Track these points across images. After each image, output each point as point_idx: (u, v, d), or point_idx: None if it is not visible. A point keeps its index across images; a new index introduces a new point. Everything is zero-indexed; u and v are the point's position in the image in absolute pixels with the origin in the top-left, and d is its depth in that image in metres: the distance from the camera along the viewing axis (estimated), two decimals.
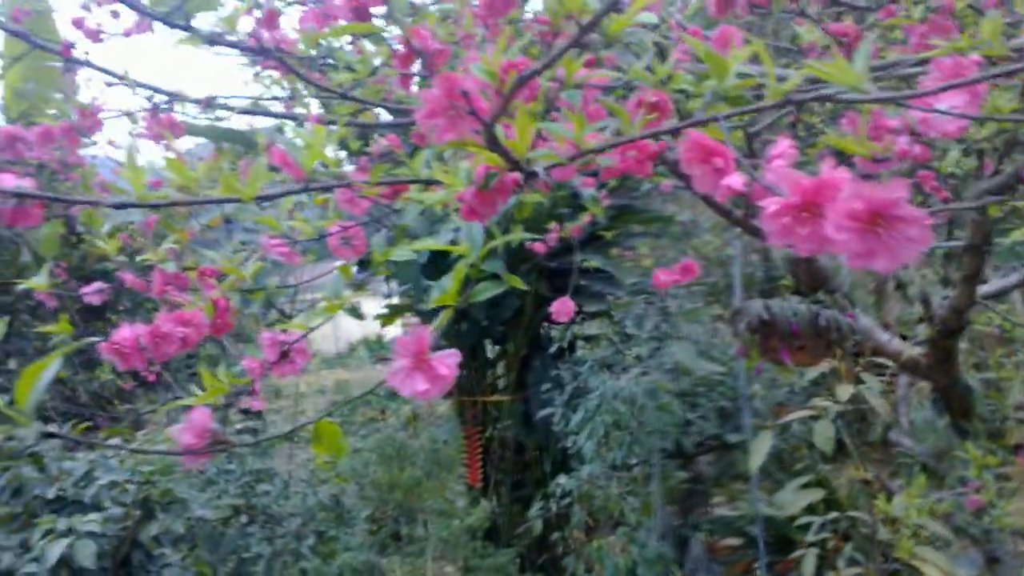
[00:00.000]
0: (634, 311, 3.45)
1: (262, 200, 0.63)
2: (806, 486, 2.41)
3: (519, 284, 0.65)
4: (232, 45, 0.89)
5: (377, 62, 1.14)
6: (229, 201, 0.61)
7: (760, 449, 2.43)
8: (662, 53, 1.15)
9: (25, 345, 6.04)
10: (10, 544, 1.57)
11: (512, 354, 5.26)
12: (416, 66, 0.94)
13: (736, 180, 0.51)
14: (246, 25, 1.06)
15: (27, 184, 0.61)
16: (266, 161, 1.70)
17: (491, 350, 5.38)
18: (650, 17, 0.60)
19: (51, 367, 0.51)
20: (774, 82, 0.53)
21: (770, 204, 0.45)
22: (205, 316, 1.07)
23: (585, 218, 2.23)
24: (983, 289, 2.59)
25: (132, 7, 0.84)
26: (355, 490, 4.33)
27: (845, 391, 2.05)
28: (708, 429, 3.54)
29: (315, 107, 1.86)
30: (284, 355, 0.85)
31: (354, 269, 3.80)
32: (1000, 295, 2.70)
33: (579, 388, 4.05)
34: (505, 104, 0.55)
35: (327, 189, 0.72)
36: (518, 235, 0.65)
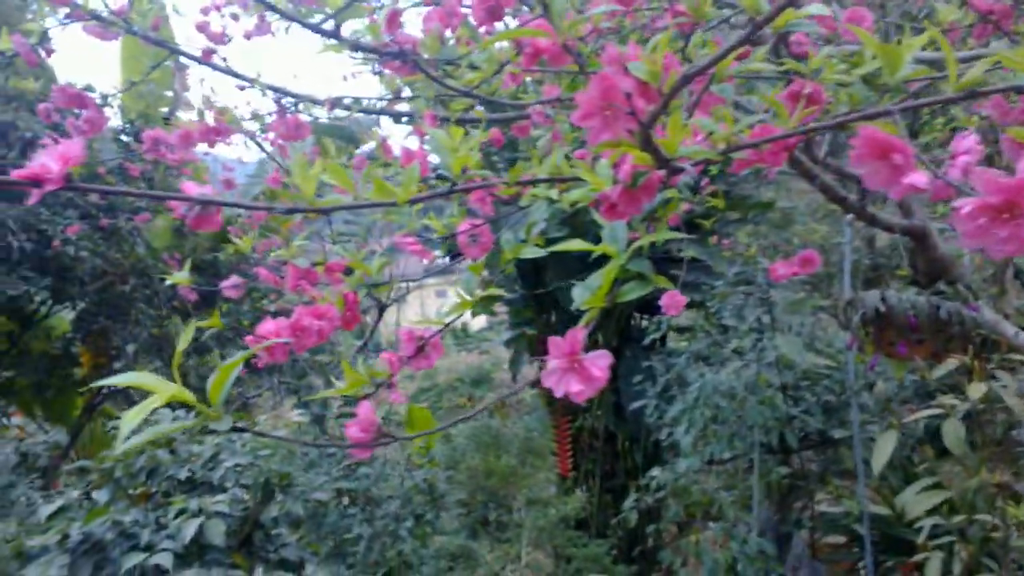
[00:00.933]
0: (733, 302, 3.36)
1: (414, 202, 0.65)
2: (929, 487, 2.28)
3: (668, 284, 0.65)
4: (372, 50, 0.91)
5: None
6: (384, 205, 0.63)
7: (884, 448, 2.33)
8: (783, 40, 1.10)
9: (139, 332, 6.44)
10: (147, 521, 1.69)
11: (603, 344, 5.24)
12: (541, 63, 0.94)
13: (919, 178, 0.48)
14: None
15: (207, 191, 0.65)
16: (380, 157, 1.74)
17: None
18: (821, 8, 0.58)
19: (237, 367, 0.54)
20: (955, 72, 0.50)
21: (965, 205, 0.43)
22: (336, 310, 1.11)
23: (683, 206, 2.19)
24: None
25: (286, 17, 0.88)
26: (446, 475, 4.43)
27: (977, 389, 1.93)
28: (812, 424, 3.42)
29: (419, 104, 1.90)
30: (420, 349, 0.88)
31: (446, 259, 3.85)
32: None
33: (673, 380, 3.99)
34: (666, 104, 0.54)
35: (470, 190, 0.74)
36: (664, 233, 0.64)
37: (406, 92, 1.63)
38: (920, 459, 2.79)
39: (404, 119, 1.47)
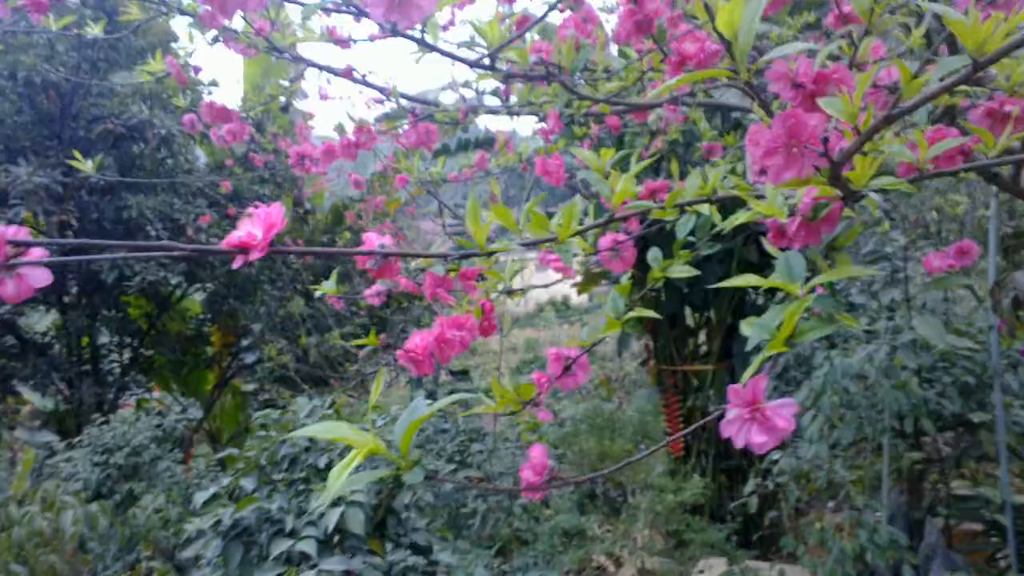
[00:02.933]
0: (863, 280, 3.19)
1: (573, 236, 0.64)
2: None
3: (854, 323, 0.61)
4: (523, 77, 0.91)
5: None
6: (547, 241, 0.63)
7: None
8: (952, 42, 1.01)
9: (264, 311, 6.81)
10: (291, 508, 1.80)
11: (716, 322, 5.09)
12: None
13: None
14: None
15: (388, 241, 0.67)
16: (501, 152, 1.73)
17: (692, 318, 5.24)
18: None
19: (421, 423, 0.56)
20: None
21: None
22: (475, 319, 1.13)
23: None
24: None
25: (442, 53, 0.88)
26: (556, 453, 4.47)
27: None
28: (948, 407, 3.21)
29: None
30: (567, 369, 0.88)
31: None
32: None
33: (791, 361, 3.85)
34: (862, 143, 0.51)
35: (627, 218, 0.72)
36: (848, 270, 0.61)
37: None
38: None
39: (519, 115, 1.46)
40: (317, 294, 1.28)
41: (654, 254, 0.85)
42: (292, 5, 1.20)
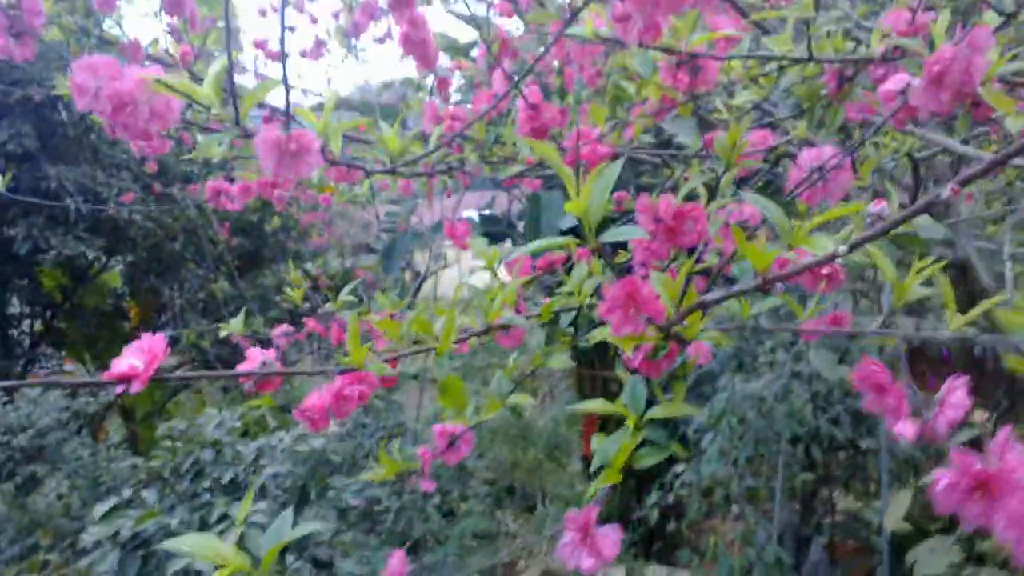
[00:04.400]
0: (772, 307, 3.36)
1: (457, 343, 0.71)
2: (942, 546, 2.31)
3: (683, 451, 0.70)
4: (419, 173, 0.96)
5: None
6: (426, 350, 0.69)
7: (897, 512, 2.36)
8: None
9: (187, 290, 6.66)
10: (192, 522, 1.82)
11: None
12: None
13: (907, 428, 0.53)
14: None
15: (271, 356, 0.72)
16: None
17: None
18: None
19: (285, 543, 0.61)
20: None
21: (941, 479, 0.47)
22: (375, 376, 1.18)
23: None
24: None
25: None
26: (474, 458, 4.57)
27: None
28: (840, 433, 3.44)
29: None
30: (451, 444, 0.94)
31: (485, 240, 3.85)
32: None
33: (704, 375, 4.02)
34: (681, 319, 0.59)
35: (505, 326, 0.79)
36: (680, 408, 0.69)
37: None
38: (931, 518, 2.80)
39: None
40: (223, 333, 1.31)
41: (537, 339, 0.92)
42: None
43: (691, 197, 0.82)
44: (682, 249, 0.84)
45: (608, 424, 4.85)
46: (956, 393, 0.54)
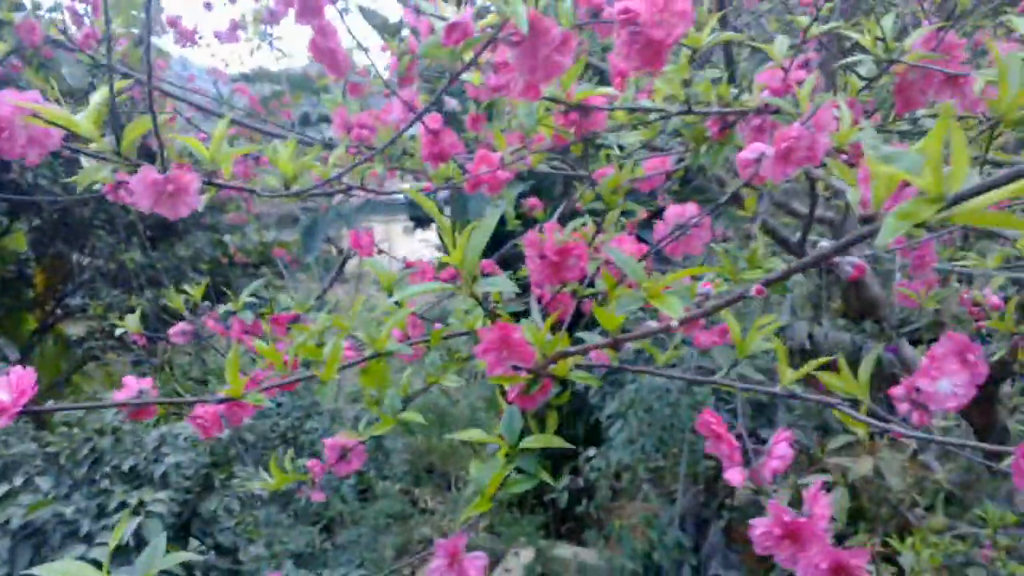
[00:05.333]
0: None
1: (344, 368, 0.73)
2: None
3: (551, 481, 0.75)
4: (313, 193, 0.97)
5: None
6: (308, 378, 0.72)
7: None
8: None
9: (96, 258, 6.39)
10: (89, 510, 1.78)
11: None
12: None
13: (736, 476, 0.59)
14: None
15: (147, 385, 0.72)
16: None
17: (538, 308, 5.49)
18: None
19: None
20: None
21: (757, 526, 0.53)
22: (276, 375, 1.19)
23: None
24: None
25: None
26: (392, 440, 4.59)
27: (864, 465, 2.10)
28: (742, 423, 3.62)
29: None
30: (343, 456, 0.97)
31: (412, 223, 3.95)
32: None
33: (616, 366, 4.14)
34: (547, 364, 0.63)
35: (392, 353, 0.82)
36: (549, 439, 0.74)
37: None
38: None
39: None
40: (119, 330, 1.29)
41: (431, 358, 0.96)
42: None
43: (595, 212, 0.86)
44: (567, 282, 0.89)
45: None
46: (780, 446, 0.60)
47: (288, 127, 5.50)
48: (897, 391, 0.66)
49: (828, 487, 2.33)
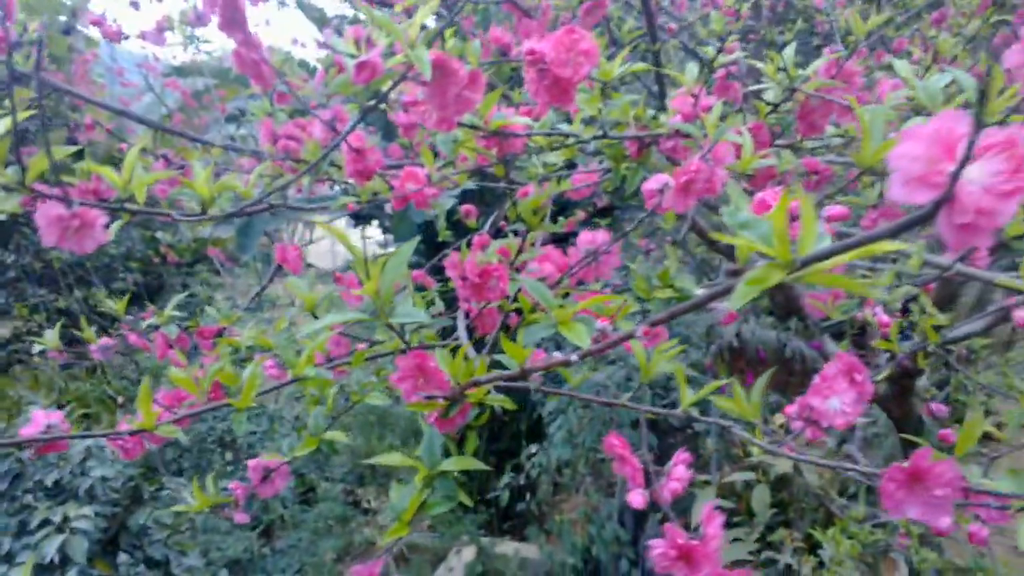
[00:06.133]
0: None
1: (267, 395, 0.74)
2: (737, 539, 2.59)
3: (468, 503, 0.76)
4: (235, 215, 0.97)
5: None
6: (223, 406, 0.72)
7: (700, 509, 2.61)
8: None
9: (26, 263, 6.14)
10: (10, 525, 1.72)
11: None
12: None
13: (637, 498, 0.62)
14: None
15: (57, 420, 0.71)
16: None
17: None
18: None
19: None
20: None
21: (655, 547, 0.56)
22: (197, 397, 1.18)
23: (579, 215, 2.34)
24: (948, 334, 2.71)
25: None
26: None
27: (784, 462, 2.19)
28: (674, 421, 3.72)
29: None
30: (266, 477, 0.97)
31: (352, 222, 3.90)
32: (964, 340, 2.82)
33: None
34: (462, 392, 0.65)
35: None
36: (468, 462, 0.76)
37: None
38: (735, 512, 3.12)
39: None
40: (37, 348, 1.26)
41: (358, 377, 0.97)
42: None
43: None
44: (490, 301, 0.91)
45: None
46: (678, 468, 0.64)
47: (223, 122, 5.36)
48: (791, 409, 0.70)
49: (750, 484, 2.43)
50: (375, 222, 5.26)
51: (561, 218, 1.86)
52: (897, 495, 0.51)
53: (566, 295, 1.06)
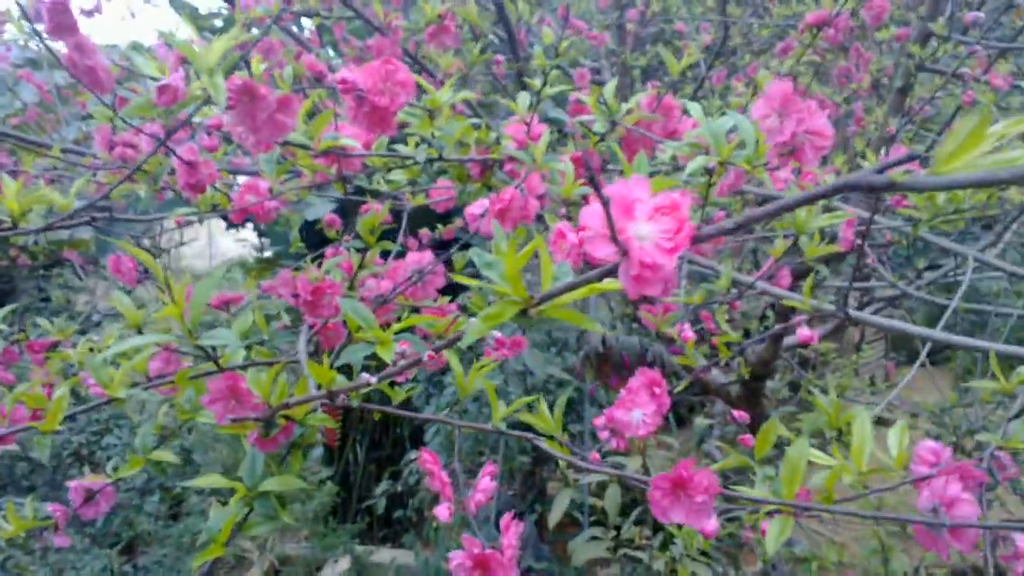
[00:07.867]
0: None
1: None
2: (596, 537, 2.72)
3: (290, 521, 0.77)
4: (118, 219, 0.92)
5: None
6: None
7: (559, 507, 2.76)
8: None
9: None
10: None
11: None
12: None
13: (443, 512, 0.65)
14: None
15: None
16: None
17: None
18: None
19: None
20: None
21: (453, 558, 0.59)
22: (27, 408, 1.12)
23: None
24: (789, 341, 2.92)
25: None
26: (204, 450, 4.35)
27: (635, 462, 2.31)
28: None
29: None
30: (89, 498, 0.93)
31: (232, 229, 3.75)
32: (802, 347, 3.05)
33: (435, 372, 4.22)
34: (274, 414, 0.66)
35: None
36: (291, 481, 0.76)
37: None
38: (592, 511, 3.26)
39: None
40: None
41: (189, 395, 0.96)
42: None
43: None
44: (328, 318, 0.91)
45: (351, 412, 4.88)
46: (484, 480, 0.67)
47: (80, 119, 5.02)
48: (599, 421, 0.76)
49: (604, 485, 2.54)
50: (249, 224, 5.10)
51: (439, 225, 1.87)
52: (663, 503, 0.56)
53: (415, 310, 1.08)
